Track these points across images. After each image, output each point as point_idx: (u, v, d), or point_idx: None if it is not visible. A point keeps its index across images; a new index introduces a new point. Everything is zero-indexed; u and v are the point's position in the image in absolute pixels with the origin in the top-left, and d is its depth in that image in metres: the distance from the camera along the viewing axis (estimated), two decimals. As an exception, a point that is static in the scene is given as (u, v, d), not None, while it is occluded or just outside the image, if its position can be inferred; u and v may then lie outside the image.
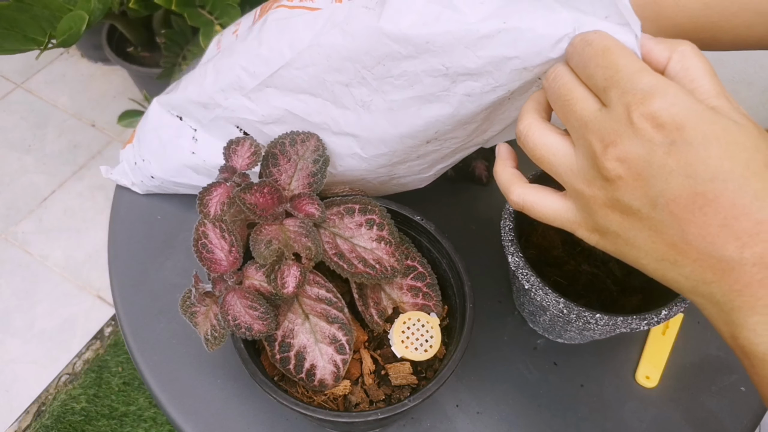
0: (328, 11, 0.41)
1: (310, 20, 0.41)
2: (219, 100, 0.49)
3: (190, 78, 0.53)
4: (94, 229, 1.44)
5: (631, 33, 0.31)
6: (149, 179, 0.59)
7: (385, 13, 0.36)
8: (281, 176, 0.43)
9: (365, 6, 0.38)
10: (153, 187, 0.61)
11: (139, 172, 0.60)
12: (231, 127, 0.50)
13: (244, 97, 0.47)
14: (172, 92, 0.56)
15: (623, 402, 0.51)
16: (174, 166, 0.56)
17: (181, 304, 0.42)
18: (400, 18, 0.36)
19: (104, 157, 1.56)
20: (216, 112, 0.50)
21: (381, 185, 0.52)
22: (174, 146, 0.55)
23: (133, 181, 0.61)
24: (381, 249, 0.43)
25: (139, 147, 0.59)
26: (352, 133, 0.44)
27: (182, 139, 0.55)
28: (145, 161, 0.58)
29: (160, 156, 0.57)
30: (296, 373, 0.42)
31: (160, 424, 1.16)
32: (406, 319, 0.45)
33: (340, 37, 0.39)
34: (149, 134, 0.57)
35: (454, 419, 0.50)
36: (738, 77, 1.19)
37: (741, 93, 1.22)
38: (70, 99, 1.68)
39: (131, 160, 0.60)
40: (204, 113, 0.52)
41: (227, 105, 0.48)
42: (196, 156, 0.54)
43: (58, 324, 1.31)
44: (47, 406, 1.19)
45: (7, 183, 1.52)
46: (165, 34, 1.25)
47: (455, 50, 0.36)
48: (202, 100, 0.50)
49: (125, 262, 0.59)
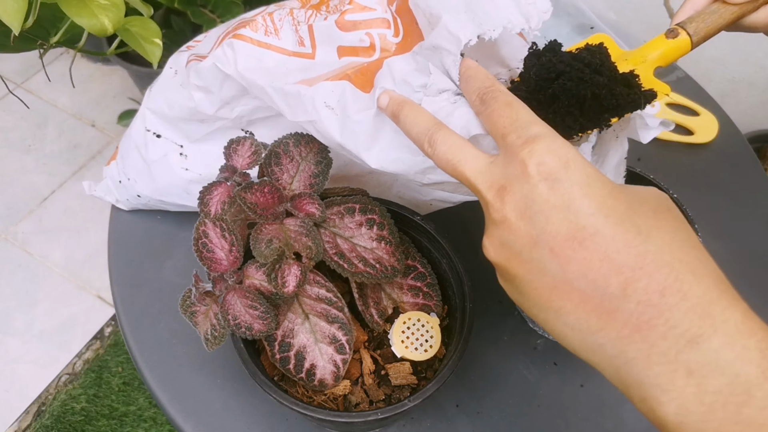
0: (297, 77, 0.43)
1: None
2: (224, 113, 0.49)
3: (170, 97, 0.51)
4: (94, 229, 1.44)
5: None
6: (135, 198, 0.58)
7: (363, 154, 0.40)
8: (283, 175, 0.43)
9: (327, 105, 0.40)
10: (139, 204, 0.60)
11: (125, 190, 0.58)
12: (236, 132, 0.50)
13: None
14: (148, 109, 0.54)
15: (623, 402, 0.51)
16: (161, 185, 0.55)
17: (181, 304, 0.42)
18: (361, 152, 0.40)
19: (104, 157, 1.56)
20: (218, 124, 0.50)
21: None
22: (161, 165, 0.54)
23: (118, 198, 0.60)
24: (381, 248, 0.43)
25: (123, 165, 0.57)
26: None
27: (169, 156, 0.53)
28: (131, 180, 0.57)
29: (145, 175, 0.55)
30: (296, 373, 0.42)
31: (160, 424, 1.16)
32: (406, 319, 0.45)
33: (313, 130, 0.42)
34: (132, 152, 0.56)
35: (454, 419, 0.50)
36: (738, 77, 1.19)
37: (741, 93, 1.22)
38: (70, 99, 1.68)
39: (116, 178, 0.59)
40: (198, 128, 0.51)
41: (236, 115, 0.48)
42: (191, 172, 0.53)
43: (58, 324, 1.31)
44: (47, 406, 1.19)
45: (7, 183, 1.52)
46: (165, 34, 1.24)
47: (409, 174, 0.40)
48: (198, 117, 0.50)
49: (125, 262, 0.59)
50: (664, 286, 0.24)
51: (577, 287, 0.26)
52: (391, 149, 0.39)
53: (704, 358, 0.23)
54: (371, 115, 0.39)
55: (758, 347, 0.23)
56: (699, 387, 0.23)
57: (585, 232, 0.25)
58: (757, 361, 0.23)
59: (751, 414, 0.23)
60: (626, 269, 0.25)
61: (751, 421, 0.23)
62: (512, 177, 0.28)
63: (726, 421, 0.23)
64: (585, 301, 0.26)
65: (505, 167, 0.28)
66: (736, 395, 0.23)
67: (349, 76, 0.41)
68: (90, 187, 0.62)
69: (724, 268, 0.27)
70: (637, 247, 0.25)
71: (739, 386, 0.23)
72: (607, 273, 0.25)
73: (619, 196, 0.26)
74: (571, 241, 0.26)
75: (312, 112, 0.40)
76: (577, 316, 0.26)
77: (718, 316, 0.24)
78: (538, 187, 0.27)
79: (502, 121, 0.30)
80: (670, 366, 0.24)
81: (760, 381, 0.23)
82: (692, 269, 0.25)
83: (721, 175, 0.66)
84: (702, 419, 0.23)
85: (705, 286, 0.25)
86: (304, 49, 0.43)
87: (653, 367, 0.24)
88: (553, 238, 0.26)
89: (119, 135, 1.60)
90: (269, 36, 0.44)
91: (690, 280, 0.25)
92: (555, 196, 0.26)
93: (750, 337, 0.24)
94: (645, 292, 0.24)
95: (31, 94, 1.69)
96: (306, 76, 0.43)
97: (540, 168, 0.27)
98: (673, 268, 0.25)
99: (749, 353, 0.23)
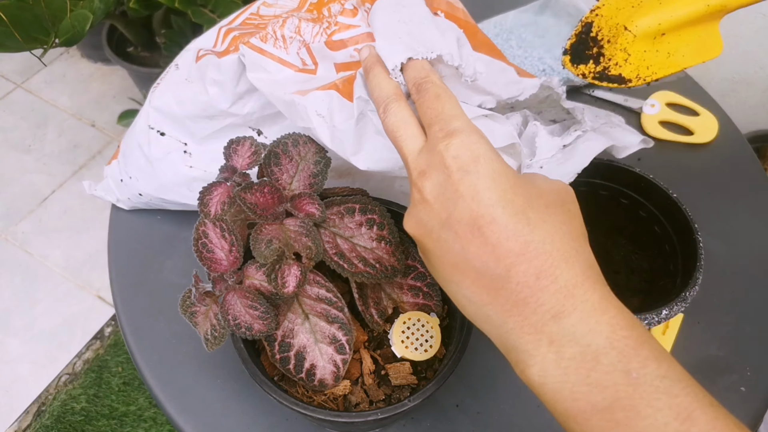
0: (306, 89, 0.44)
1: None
2: (235, 109, 0.49)
3: (179, 94, 0.52)
4: (94, 229, 1.44)
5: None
6: (137, 197, 0.58)
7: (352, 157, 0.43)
8: (282, 175, 0.43)
9: (318, 113, 0.43)
10: (140, 203, 0.60)
11: (126, 189, 0.58)
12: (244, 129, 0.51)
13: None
14: (152, 107, 0.55)
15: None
16: (164, 183, 0.55)
17: (181, 304, 0.42)
18: (349, 157, 0.43)
19: (104, 156, 1.56)
20: (228, 121, 0.50)
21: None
22: (165, 162, 0.54)
23: (119, 197, 0.60)
24: (381, 248, 0.43)
25: (125, 164, 0.58)
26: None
27: (173, 154, 0.54)
28: (132, 178, 0.57)
29: (148, 173, 0.56)
30: (296, 373, 0.42)
31: (160, 424, 1.16)
32: (406, 319, 0.45)
33: (312, 135, 0.44)
34: (135, 151, 0.56)
35: (454, 419, 0.50)
36: (738, 77, 1.19)
37: (741, 93, 1.22)
38: (70, 99, 1.68)
39: (117, 177, 0.59)
40: (206, 125, 0.51)
41: (248, 111, 0.49)
42: (195, 169, 0.53)
43: (58, 324, 1.31)
44: (47, 406, 1.19)
45: (7, 183, 1.52)
46: (165, 34, 1.25)
47: (394, 171, 0.44)
48: (209, 112, 0.50)
49: (125, 262, 0.59)
50: (540, 270, 0.29)
51: (473, 266, 0.30)
52: (375, 152, 0.43)
53: (563, 330, 0.28)
54: (353, 124, 0.42)
55: (609, 323, 0.28)
56: (557, 354, 0.28)
57: (483, 219, 0.29)
58: (606, 334, 0.28)
59: (597, 377, 0.27)
60: (512, 255, 0.29)
61: (597, 383, 0.27)
62: (432, 164, 0.31)
63: (578, 383, 0.27)
64: (479, 279, 0.30)
65: (429, 154, 0.32)
66: (586, 361, 0.27)
67: (337, 85, 0.43)
68: (90, 187, 0.62)
69: (724, 268, 0.28)
70: (525, 236, 0.29)
71: (589, 354, 0.27)
72: (497, 256, 0.29)
73: (519, 190, 0.30)
74: (471, 227, 0.30)
75: (307, 120, 0.43)
76: (473, 291, 0.30)
77: (579, 296, 0.28)
78: (450, 177, 0.30)
79: (430, 113, 0.33)
80: (537, 336, 0.28)
81: (607, 350, 0.27)
82: (566, 258, 0.29)
83: (721, 175, 0.66)
84: (559, 380, 0.28)
85: (574, 272, 0.29)
86: (307, 67, 0.47)
87: (524, 336, 0.29)
88: (458, 222, 0.30)
89: (119, 135, 1.60)
90: (278, 49, 0.47)
91: (562, 267, 0.29)
92: (463, 186, 0.30)
93: (603, 314, 0.28)
94: (524, 275, 0.29)
95: (31, 94, 1.69)
96: (302, 87, 0.45)
97: (455, 160, 0.30)
98: (549, 256, 0.29)
99: (600, 327, 0.28)
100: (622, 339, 0.27)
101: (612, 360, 0.27)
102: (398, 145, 0.34)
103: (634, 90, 0.73)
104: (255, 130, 0.51)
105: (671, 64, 0.44)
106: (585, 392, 0.27)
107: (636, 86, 0.46)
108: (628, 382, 0.27)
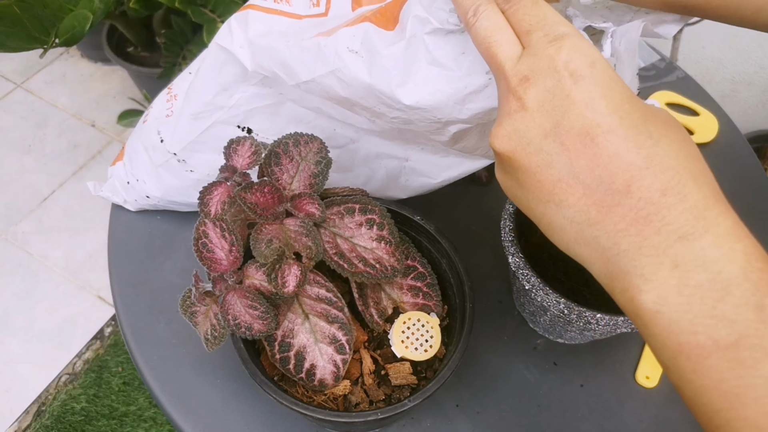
0: (311, 33, 0.42)
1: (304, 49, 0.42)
2: (221, 101, 0.48)
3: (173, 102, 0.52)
4: (94, 229, 1.44)
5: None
6: (144, 198, 0.58)
7: (376, 80, 0.38)
8: (283, 175, 0.43)
9: (350, 49, 0.39)
10: (147, 205, 0.59)
11: (134, 191, 0.58)
12: (232, 129, 0.50)
13: (254, 86, 0.46)
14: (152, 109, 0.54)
15: (623, 402, 0.51)
16: (174, 185, 0.55)
17: (181, 304, 0.42)
18: (394, 89, 0.38)
19: (104, 156, 1.56)
20: (214, 117, 0.49)
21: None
22: (166, 169, 0.54)
23: (126, 199, 0.59)
24: (381, 248, 0.43)
25: (132, 167, 0.57)
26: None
27: (171, 161, 0.53)
28: (140, 181, 0.56)
29: (154, 177, 0.55)
30: (296, 373, 0.42)
31: (160, 424, 1.16)
32: (406, 319, 0.45)
33: (336, 82, 0.41)
34: (141, 154, 0.55)
35: (454, 419, 0.50)
36: (738, 77, 1.19)
37: (741, 93, 1.22)
38: (70, 99, 1.67)
39: (123, 179, 0.58)
40: (192, 126, 0.51)
41: (234, 102, 0.48)
42: (197, 173, 0.53)
43: (58, 324, 1.31)
44: (47, 406, 1.19)
45: (7, 183, 1.52)
46: (165, 34, 1.25)
47: (446, 107, 0.38)
48: (194, 108, 0.50)
49: (125, 262, 0.59)
50: (666, 186, 0.25)
51: (582, 181, 0.27)
52: (427, 83, 0.38)
53: (691, 253, 0.25)
54: (402, 47, 0.38)
55: (744, 251, 0.25)
56: (681, 279, 0.24)
57: (599, 129, 0.26)
58: (740, 263, 0.24)
59: (725, 309, 0.24)
60: (633, 168, 0.26)
61: (723, 316, 0.24)
62: (537, 70, 0.28)
63: (701, 314, 0.24)
64: (588, 195, 0.27)
65: (533, 58, 0.29)
66: (715, 291, 0.24)
67: (369, 18, 0.40)
68: (95, 188, 0.61)
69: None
70: (648, 149, 0.26)
71: (719, 282, 0.24)
72: (615, 170, 0.26)
73: (636, 103, 0.27)
74: (584, 137, 0.27)
75: (335, 61, 0.39)
76: (578, 209, 0.27)
77: (711, 219, 0.25)
78: (562, 81, 0.27)
79: (528, 19, 0.30)
80: (658, 258, 0.25)
81: (740, 281, 0.24)
82: (694, 177, 0.26)
83: (721, 175, 0.66)
84: (678, 309, 0.24)
85: (703, 193, 0.26)
86: (318, 9, 0.44)
87: (642, 258, 0.25)
88: (566, 132, 0.27)
89: (119, 135, 1.60)
90: (279, 3, 0.45)
91: (691, 185, 0.26)
92: (577, 92, 0.27)
93: (738, 241, 0.25)
94: (648, 189, 0.26)
95: (31, 94, 1.69)
96: (322, 30, 0.42)
97: (567, 64, 0.27)
98: (677, 172, 0.26)
99: (734, 254, 0.24)
100: (758, 271, 0.24)
101: (744, 292, 0.24)
102: (492, 51, 0.30)
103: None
104: (242, 128, 0.51)
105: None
106: (708, 325, 0.24)
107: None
108: (761, 319, 0.23)
